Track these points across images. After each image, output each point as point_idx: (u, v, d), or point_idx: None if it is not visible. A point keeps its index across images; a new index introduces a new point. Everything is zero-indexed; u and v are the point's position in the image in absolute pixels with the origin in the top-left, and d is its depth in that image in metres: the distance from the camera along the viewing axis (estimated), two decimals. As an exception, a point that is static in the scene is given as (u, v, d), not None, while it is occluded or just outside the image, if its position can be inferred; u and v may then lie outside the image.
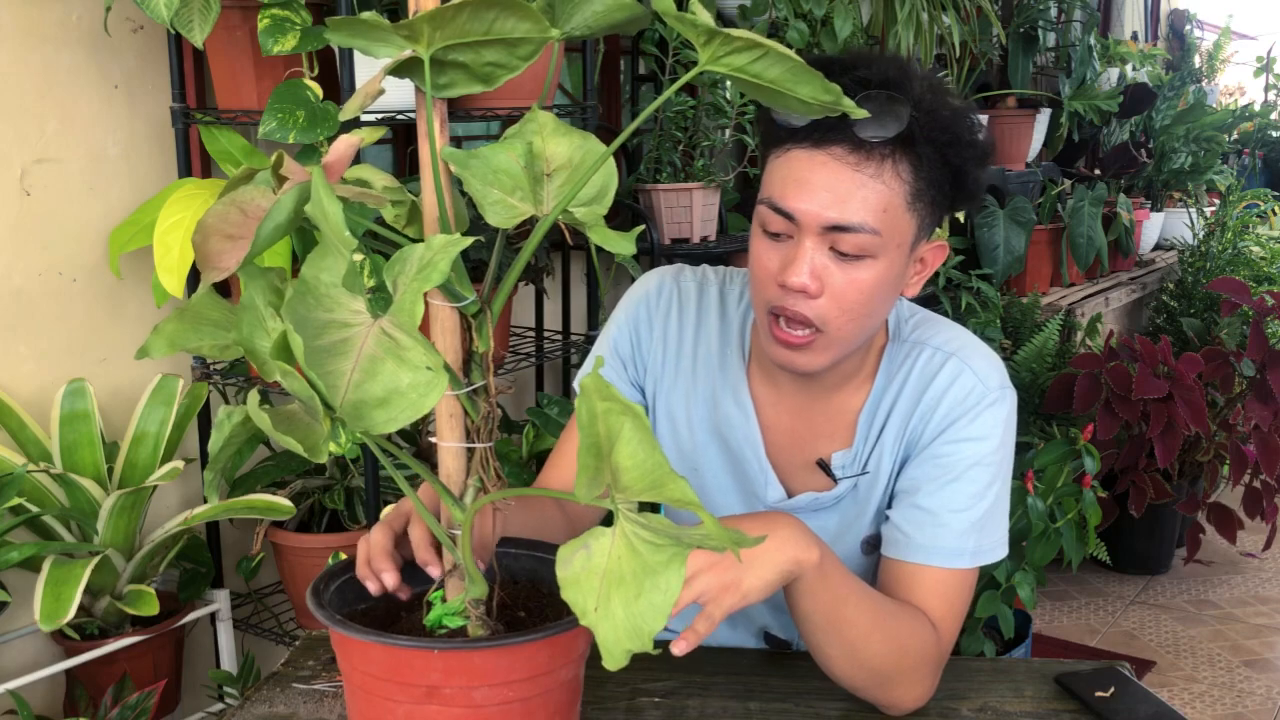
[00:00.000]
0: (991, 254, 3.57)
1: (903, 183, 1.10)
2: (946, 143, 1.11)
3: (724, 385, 1.30)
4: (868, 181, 1.08)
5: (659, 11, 0.81)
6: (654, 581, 0.73)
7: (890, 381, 1.24)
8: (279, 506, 1.76)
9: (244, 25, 1.77)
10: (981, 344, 1.25)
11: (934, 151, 1.10)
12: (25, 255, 1.82)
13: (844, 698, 1.18)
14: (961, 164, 1.13)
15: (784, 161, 1.12)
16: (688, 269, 1.36)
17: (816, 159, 1.09)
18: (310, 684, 1.22)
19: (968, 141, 1.13)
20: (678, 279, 1.35)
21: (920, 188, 1.11)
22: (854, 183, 1.08)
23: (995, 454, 1.20)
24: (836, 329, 1.13)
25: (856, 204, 1.08)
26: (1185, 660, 3.18)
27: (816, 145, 1.09)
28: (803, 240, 1.11)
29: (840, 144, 1.08)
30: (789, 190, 1.10)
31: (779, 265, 1.12)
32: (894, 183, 1.09)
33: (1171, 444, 3.17)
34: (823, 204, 1.09)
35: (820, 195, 1.09)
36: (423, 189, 0.87)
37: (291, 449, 0.76)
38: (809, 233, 1.10)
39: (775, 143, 1.13)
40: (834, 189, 1.09)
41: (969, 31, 3.19)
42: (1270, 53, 6.86)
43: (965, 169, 1.13)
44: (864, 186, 1.08)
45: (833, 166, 1.09)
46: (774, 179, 1.13)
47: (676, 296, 1.34)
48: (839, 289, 1.11)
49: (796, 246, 1.11)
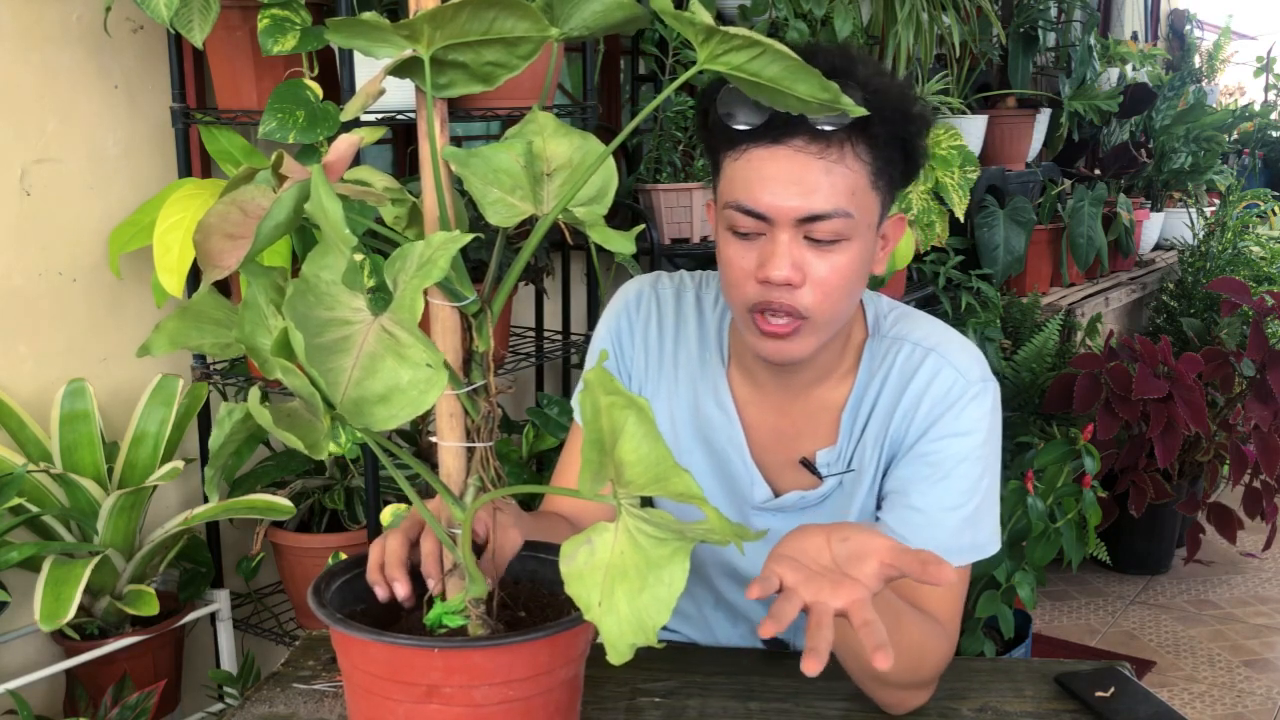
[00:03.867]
0: (991, 254, 3.57)
1: (863, 164, 1.12)
2: (896, 120, 1.13)
3: (705, 388, 1.30)
4: (832, 168, 1.10)
5: (658, 10, 0.81)
6: (658, 575, 0.73)
7: (872, 377, 1.25)
8: (279, 506, 1.77)
9: (244, 25, 1.77)
10: (960, 337, 1.26)
11: (886, 130, 1.12)
12: (25, 255, 1.82)
13: (844, 697, 1.18)
14: (908, 137, 1.15)
15: (744, 162, 1.12)
16: (664, 276, 1.37)
17: (779, 154, 1.10)
18: (310, 684, 1.22)
19: (914, 114, 1.15)
20: (655, 286, 1.35)
21: (879, 166, 1.13)
22: (819, 170, 1.10)
23: (982, 447, 1.20)
24: (820, 314, 1.14)
25: (826, 191, 1.10)
26: (1185, 660, 3.18)
27: (775, 141, 1.10)
28: (777, 235, 1.11)
29: (798, 136, 1.09)
30: (755, 189, 1.11)
31: (755, 263, 1.13)
32: (855, 165, 1.11)
33: (1171, 444, 3.17)
34: (793, 196, 1.10)
35: (789, 188, 1.10)
36: (423, 188, 0.87)
37: (293, 446, 0.76)
38: (783, 227, 1.11)
39: (729, 145, 1.14)
40: (802, 180, 1.10)
41: (969, 31, 3.19)
42: (1270, 53, 6.86)
43: (913, 142, 1.16)
44: (829, 173, 1.10)
45: (796, 159, 1.10)
46: (735, 181, 1.13)
47: (655, 304, 1.34)
48: (820, 277, 1.13)
49: (771, 242, 1.12)
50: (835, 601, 0.90)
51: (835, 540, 0.95)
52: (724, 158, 1.15)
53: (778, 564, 0.94)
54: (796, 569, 0.93)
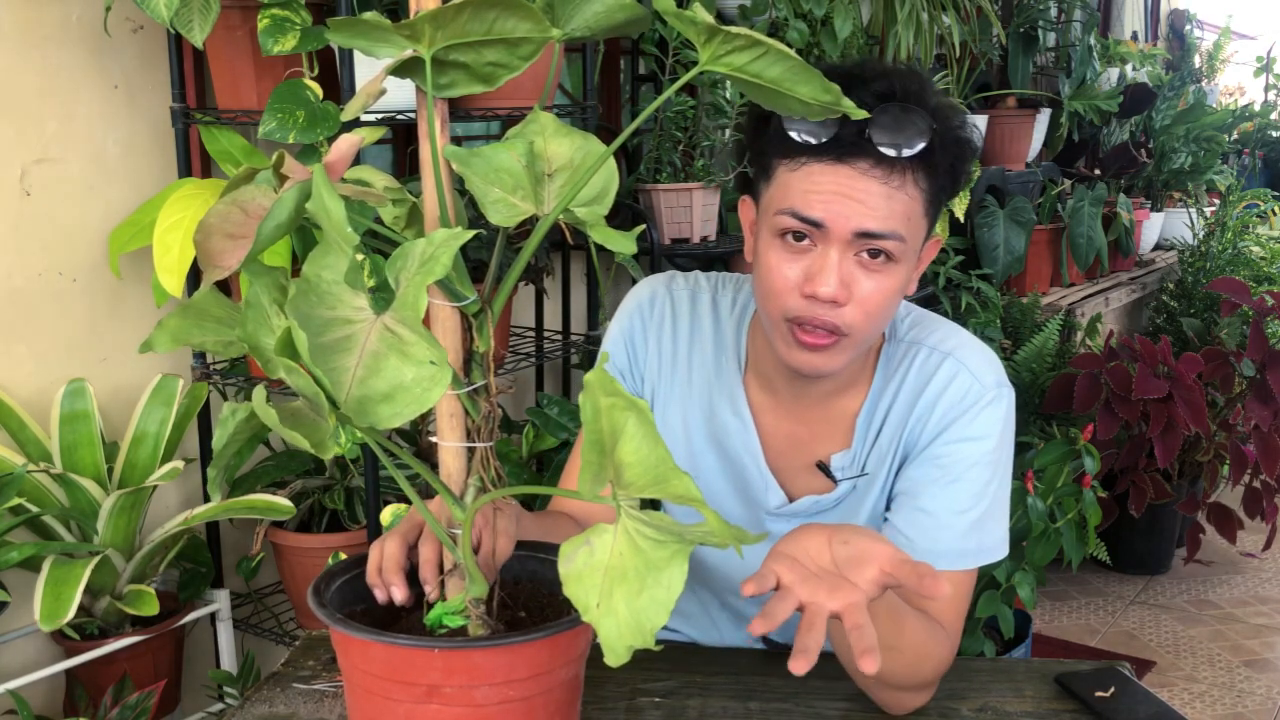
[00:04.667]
0: (991, 254, 3.57)
1: (921, 191, 1.11)
2: (954, 147, 1.12)
3: (720, 394, 1.30)
4: (894, 194, 1.09)
5: (659, 10, 0.81)
6: (656, 578, 0.73)
7: (888, 382, 1.24)
8: (279, 506, 1.76)
9: (244, 25, 1.77)
10: (977, 342, 1.26)
11: (947, 159, 1.12)
12: (25, 255, 1.82)
13: (844, 697, 1.18)
14: (960, 164, 1.15)
15: (803, 174, 1.11)
16: (679, 276, 1.36)
17: (842, 172, 1.09)
18: (310, 684, 1.22)
19: (965, 140, 1.15)
20: (669, 287, 1.34)
21: (934, 193, 1.13)
22: (881, 194, 1.09)
23: (994, 453, 1.20)
24: (859, 332, 1.14)
25: (885, 213, 1.09)
26: (1185, 660, 3.18)
27: (839, 160, 1.09)
28: (829, 249, 1.10)
29: (864, 159, 1.08)
30: (814, 200, 1.10)
31: (802, 275, 1.12)
32: (914, 191, 1.11)
33: (1171, 444, 3.17)
34: (857, 213, 1.09)
35: (853, 205, 1.09)
36: (424, 188, 0.87)
37: (297, 445, 0.76)
38: (837, 241, 1.10)
39: (786, 154, 1.12)
40: (866, 200, 1.09)
41: (969, 31, 3.19)
42: (1270, 53, 6.86)
43: (962, 169, 1.16)
44: (892, 198, 1.09)
45: (861, 180, 1.09)
46: (793, 190, 1.11)
47: (670, 306, 1.33)
48: (865, 295, 1.12)
49: (822, 257, 1.11)
50: (831, 604, 0.89)
51: (836, 542, 0.95)
52: (778, 164, 1.13)
53: (776, 562, 0.93)
54: (794, 568, 0.92)
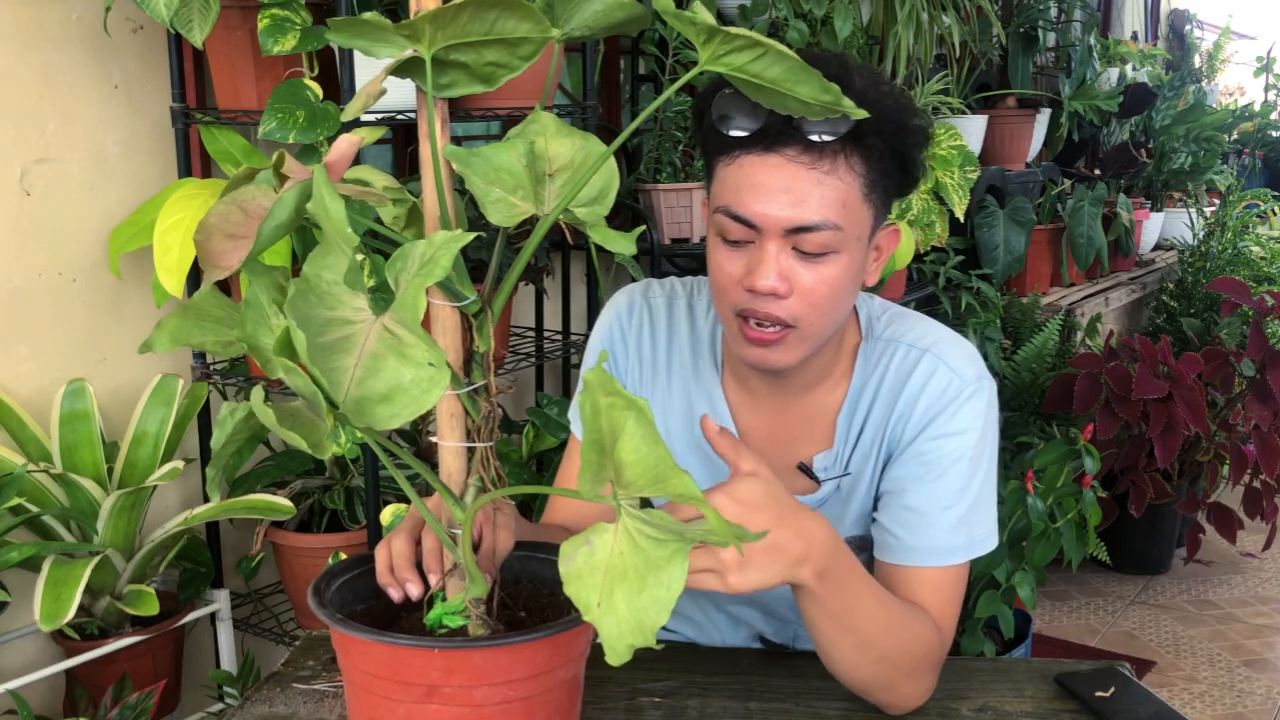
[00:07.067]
0: (991, 254, 3.57)
1: (856, 176, 1.10)
2: (892, 131, 1.11)
3: (699, 395, 1.30)
4: (824, 179, 1.09)
5: (659, 10, 0.81)
6: (657, 577, 0.73)
7: (867, 380, 1.25)
8: (279, 506, 1.77)
9: (244, 25, 1.77)
10: (955, 336, 1.26)
11: (882, 142, 1.11)
12: (25, 255, 1.82)
13: (844, 698, 1.18)
14: (906, 150, 1.14)
15: (735, 168, 1.11)
16: (655, 283, 1.37)
17: (770, 162, 1.09)
18: (310, 684, 1.22)
19: (911, 127, 1.14)
20: (646, 295, 1.35)
21: (873, 178, 1.12)
22: (810, 181, 1.09)
23: (977, 446, 1.20)
24: (808, 324, 1.14)
25: (815, 203, 1.09)
26: (1185, 660, 3.19)
27: (768, 149, 1.09)
28: (765, 244, 1.11)
29: (791, 145, 1.08)
30: (745, 196, 1.10)
31: (742, 270, 1.13)
32: (848, 177, 1.10)
33: (1171, 444, 3.18)
34: (783, 206, 1.09)
35: (779, 198, 1.09)
36: (424, 188, 0.87)
37: (296, 445, 0.76)
38: (771, 236, 1.10)
39: (722, 151, 1.13)
40: (792, 190, 1.09)
41: (969, 31, 3.19)
42: (1270, 53, 6.86)
43: (910, 154, 1.15)
44: (820, 184, 1.09)
45: (788, 168, 1.09)
46: (727, 186, 1.12)
47: (647, 313, 1.34)
48: (807, 287, 1.12)
49: (759, 250, 1.11)
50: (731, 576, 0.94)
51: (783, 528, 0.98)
52: (717, 162, 1.14)
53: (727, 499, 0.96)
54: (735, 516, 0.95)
